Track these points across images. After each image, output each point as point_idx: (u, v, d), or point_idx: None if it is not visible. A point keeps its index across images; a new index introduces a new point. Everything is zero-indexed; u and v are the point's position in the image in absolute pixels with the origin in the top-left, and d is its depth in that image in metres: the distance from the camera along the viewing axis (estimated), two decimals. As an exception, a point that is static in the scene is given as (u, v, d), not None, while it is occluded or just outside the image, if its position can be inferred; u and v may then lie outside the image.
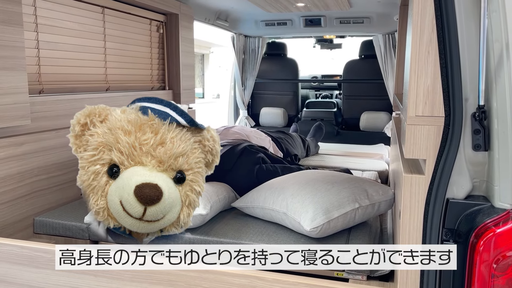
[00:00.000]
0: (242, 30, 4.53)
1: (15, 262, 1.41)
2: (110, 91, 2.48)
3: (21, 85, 1.77)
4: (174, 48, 3.01)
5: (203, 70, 16.67)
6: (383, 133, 4.59)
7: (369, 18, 3.88)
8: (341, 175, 1.92)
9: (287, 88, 5.18)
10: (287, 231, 1.75)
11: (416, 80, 1.12)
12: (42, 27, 2.02)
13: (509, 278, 1.05)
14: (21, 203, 1.86)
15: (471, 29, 1.08)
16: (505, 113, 1.05)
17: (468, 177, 1.11)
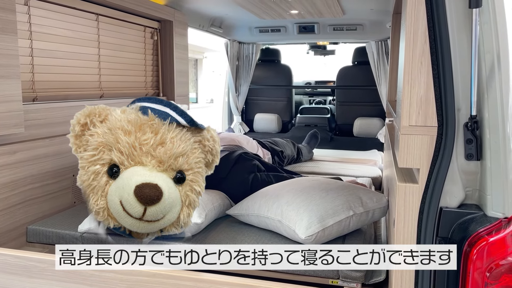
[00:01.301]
0: (236, 36, 4.55)
1: (9, 272, 1.40)
2: (104, 98, 2.48)
3: (15, 93, 1.76)
4: (168, 54, 3.01)
5: (196, 75, 16.67)
6: (377, 139, 4.61)
7: (362, 25, 3.91)
8: (335, 183, 1.93)
9: (281, 94, 5.19)
10: (282, 239, 1.76)
11: (409, 90, 1.13)
12: (36, 34, 2.02)
13: (503, 286, 1.06)
14: (14, 212, 1.85)
15: (463, 40, 1.10)
16: (496, 123, 1.07)
17: (461, 186, 1.13)
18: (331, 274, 1.56)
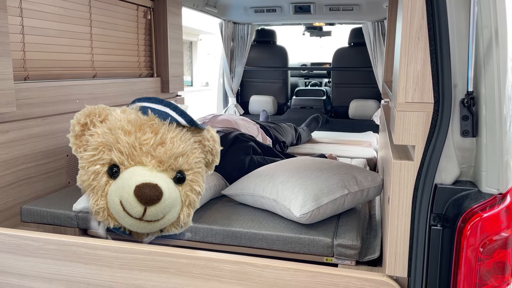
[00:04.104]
0: (230, 17, 4.49)
1: (3, 250, 1.40)
2: (97, 78, 2.44)
3: (6, 71, 1.73)
4: (162, 34, 2.97)
5: (191, 58, 16.52)
6: (372, 121, 4.62)
7: (358, 6, 3.87)
8: (330, 162, 1.93)
9: (276, 76, 5.16)
10: (277, 218, 1.76)
11: (406, 67, 1.12)
12: (27, 12, 1.97)
13: (495, 261, 1.07)
14: (7, 191, 1.84)
15: (461, 15, 1.08)
16: (493, 100, 1.06)
17: (456, 162, 1.13)
18: (325, 251, 1.57)
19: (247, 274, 1.23)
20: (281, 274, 1.20)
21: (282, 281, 1.21)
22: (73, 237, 1.38)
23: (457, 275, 1.10)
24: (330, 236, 1.59)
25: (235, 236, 1.66)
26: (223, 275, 1.25)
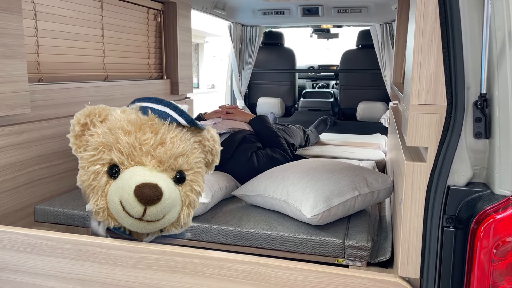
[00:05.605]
0: (239, 19, 4.51)
1: (19, 249, 1.42)
2: (108, 80, 2.47)
3: (21, 73, 1.76)
4: (171, 37, 2.99)
5: (197, 60, 16.57)
6: (380, 123, 4.61)
7: (366, 8, 3.87)
8: (341, 164, 1.94)
9: (284, 78, 5.17)
10: (287, 219, 1.77)
11: (419, 69, 1.13)
12: (41, 15, 2.00)
13: (509, 263, 1.07)
14: (21, 192, 1.86)
15: (474, 17, 1.09)
16: (506, 101, 1.06)
17: (469, 164, 1.13)
18: (336, 253, 1.58)
19: (260, 274, 1.24)
20: (293, 275, 1.21)
21: (294, 282, 1.21)
22: (88, 237, 1.39)
23: (470, 276, 1.10)
24: (341, 238, 1.59)
25: (246, 236, 1.67)
26: (235, 275, 1.26)
